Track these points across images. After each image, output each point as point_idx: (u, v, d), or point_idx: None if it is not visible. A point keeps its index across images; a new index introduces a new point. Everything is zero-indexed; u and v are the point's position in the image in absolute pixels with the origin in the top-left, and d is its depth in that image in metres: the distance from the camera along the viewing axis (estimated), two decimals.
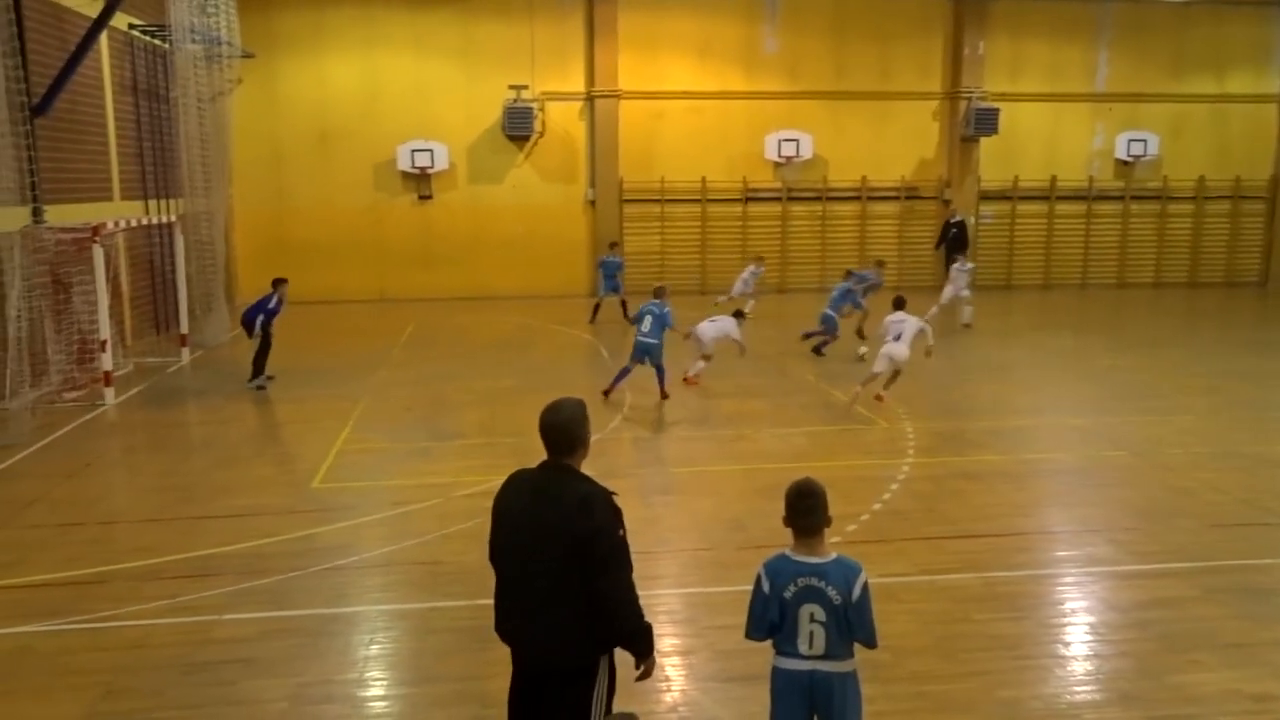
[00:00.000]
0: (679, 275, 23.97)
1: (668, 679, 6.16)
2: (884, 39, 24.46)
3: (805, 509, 4.16)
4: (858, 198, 24.88)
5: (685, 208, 24.38)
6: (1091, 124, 25.56)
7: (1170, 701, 5.86)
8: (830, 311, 16.72)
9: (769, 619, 4.20)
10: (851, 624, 4.11)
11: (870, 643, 4.18)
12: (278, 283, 14.50)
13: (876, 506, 9.20)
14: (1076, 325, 20.84)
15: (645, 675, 4.19)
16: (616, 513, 4.00)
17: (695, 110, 24.03)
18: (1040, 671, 6.24)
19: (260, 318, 14.21)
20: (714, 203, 24.37)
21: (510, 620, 4.11)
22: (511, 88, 22.89)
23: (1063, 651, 6.53)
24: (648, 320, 13.33)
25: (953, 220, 24.29)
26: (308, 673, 6.22)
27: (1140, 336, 19.00)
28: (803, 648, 4.15)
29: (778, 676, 4.27)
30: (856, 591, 4.08)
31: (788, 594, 4.14)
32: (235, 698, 5.92)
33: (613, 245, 21.17)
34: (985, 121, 24.07)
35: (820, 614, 4.10)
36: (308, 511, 9.18)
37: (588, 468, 4.24)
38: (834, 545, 8.24)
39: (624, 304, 19.62)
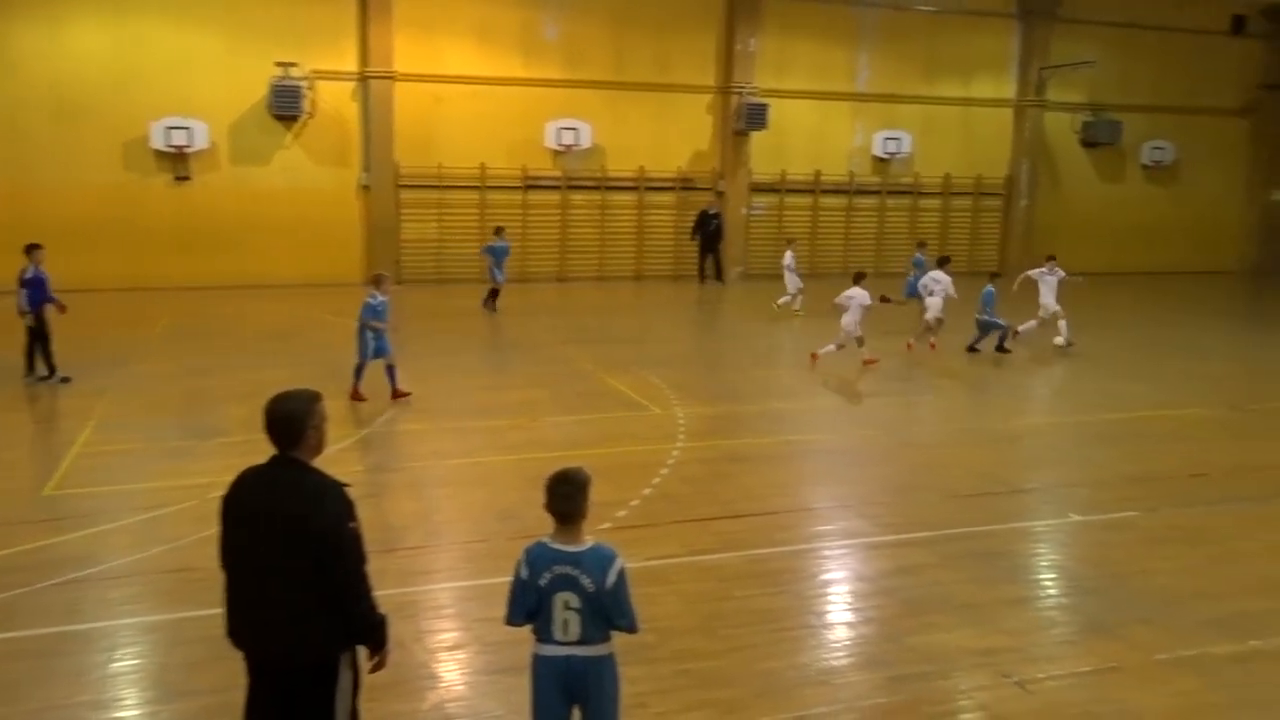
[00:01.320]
0: (458, 264, 23.60)
1: (435, 676, 6.07)
2: (662, 32, 24.95)
3: (562, 495, 4.19)
4: (636, 188, 25.31)
5: (464, 194, 24.00)
6: (853, 122, 27.06)
7: (909, 661, 6.31)
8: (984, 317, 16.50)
9: (526, 606, 4.26)
10: (608, 611, 4.17)
11: (630, 628, 4.26)
12: (31, 249, 13.21)
13: (647, 491, 9.41)
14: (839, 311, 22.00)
15: (379, 667, 4.19)
16: (349, 505, 3.96)
17: (474, 95, 23.68)
18: (796, 642, 6.58)
19: (25, 293, 12.92)
20: (493, 190, 24.14)
21: (243, 621, 3.99)
22: (279, 64, 21.75)
23: (816, 622, 6.91)
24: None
25: (711, 212, 25.15)
26: (35, 698, 5.71)
27: (895, 324, 20.28)
28: (558, 634, 4.20)
29: (536, 663, 4.32)
30: (611, 579, 4.15)
31: (543, 581, 4.18)
32: None
33: (498, 230, 20.83)
34: (756, 117, 25.03)
35: (574, 601, 4.15)
36: (39, 521, 8.42)
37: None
38: (604, 531, 8.44)
39: (494, 292, 19.90)
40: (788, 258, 21.43)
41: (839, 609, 7.18)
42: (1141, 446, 11.72)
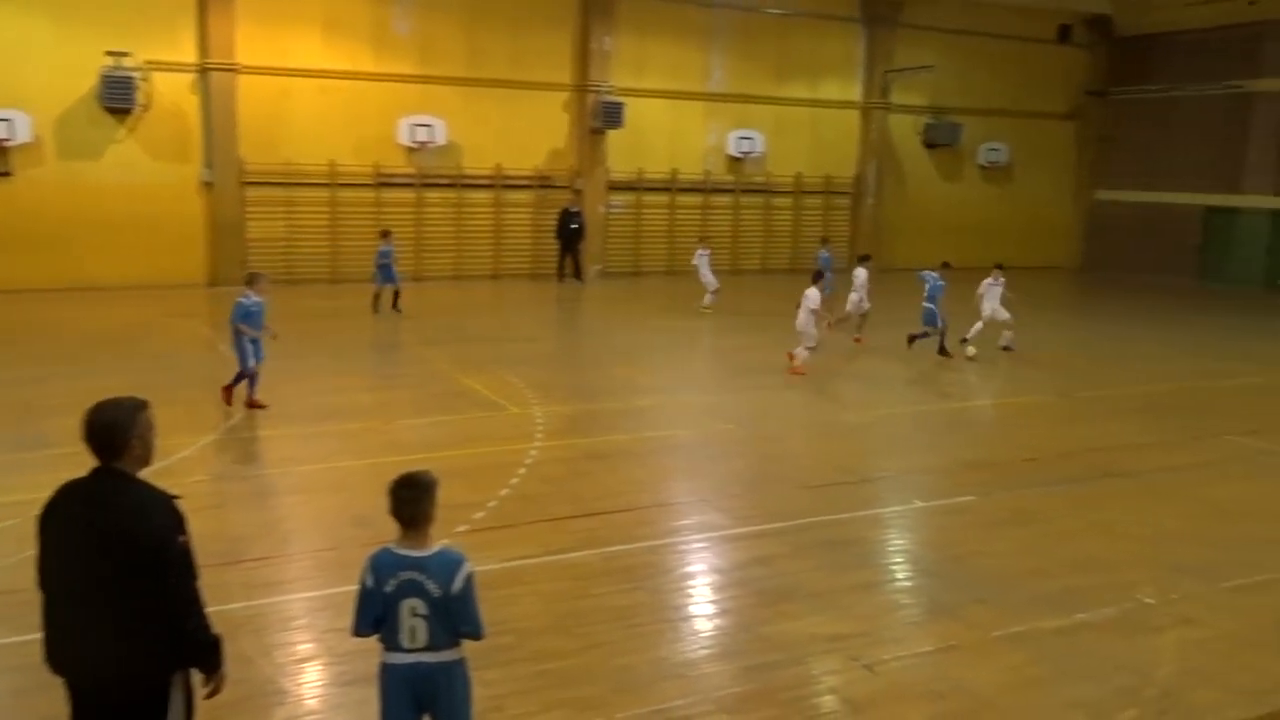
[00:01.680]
0: (308, 263, 22.92)
1: (283, 691, 5.87)
2: (516, 28, 24.77)
3: (405, 500, 4.11)
4: (492, 186, 25.07)
5: (313, 192, 23.25)
6: (707, 121, 27.51)
7: (763, 650, 6.46)
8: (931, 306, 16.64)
9: (373, 614, 4.17)
10: (454, 616, 4.11)
11: (475, 634, 4.21)
12: None
13: (505, 492, 9.34)
14: (697, 308, 22.38)
15: (215, 692, 3.98)
16: (178, 518, 3.75)
17: (323, 90, 22.99)
18: (653, 637, 6.64)
19: None
20: (344, 187, 23.49)
21: (62, 646, 3.74)
22: (110, 54, 20.60)
23: (673, 615, 7.00)
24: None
25: (572, 210, 25.17)
26: None
27: (752, 319, 20.73)
28: (405, 641, 4.13)
29: (384, 672, 4.24)
30: (458, 584, 4.09)
31: (389, 588, 4.10)
32: None
33: (384, 234, 19.99)
34: (612, 115, 25.14)
35: (421, 607, 4.08)
36: None
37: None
38: (460, 534, 8.34)
39: (396, 294, 19.25)
40: (698, 257, 21.57)
41: (695, 602, 7.30)
42: (979, 434, 12.33)
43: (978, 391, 14.24)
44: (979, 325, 16.85)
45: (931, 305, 16.45)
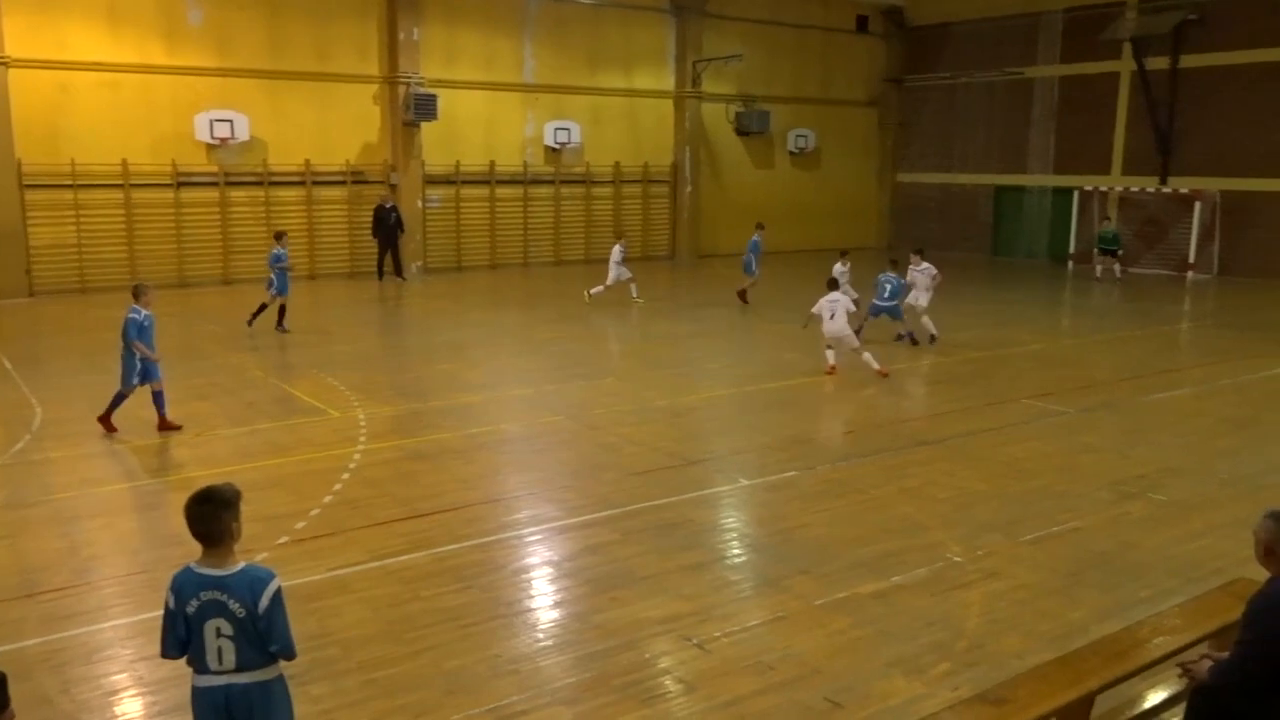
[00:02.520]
0: (103, 270, 21.48)
1: None
2: (319, 18, 23.87)
3: (201, 516, 3.91)
4: (302, 182, 24.14)
5: (105, 194, 21.76)
6: (523, 112, 27.32)
7: (596, 639, 6.49)
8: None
9: (178, 636, 3.97)
10: (263, 636, 3.94)
11: (286, 654, 4.04)
12: None
13: (328, 499, 9.03)
14: (521, 302, 22.30)
15: None
16: None
17: (110, 84, 21.53)
18: (485, 635, 6.56)
19: None
20: (140, 188, 22.10)
21: None
22: None
23: (505, 612, 6.93)
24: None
25: (387, 206, 24.47)
26: None
27: (576, 311, 20.77)
28: (213, 664, 3.94)
29: (196, 696, 4.04)
30: (264, 602, 3.91)
31: (190, 609, 3.90)
32: None
33: (279, 235, 18.01)
34: (425, 107, 24.60)
35: (226, 628, 3.90)
36: None
37: None
38: (281, 546, 8.02)
39: (282, 309, 17.41)
40: (616, 252, 21.11)
41: (528, 596, 7.26)
42: (800, 411, 12.77)
43: (795, 370, 14.73)
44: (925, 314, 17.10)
45: (894, 302, 16.53)
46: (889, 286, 16.58)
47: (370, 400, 12.65)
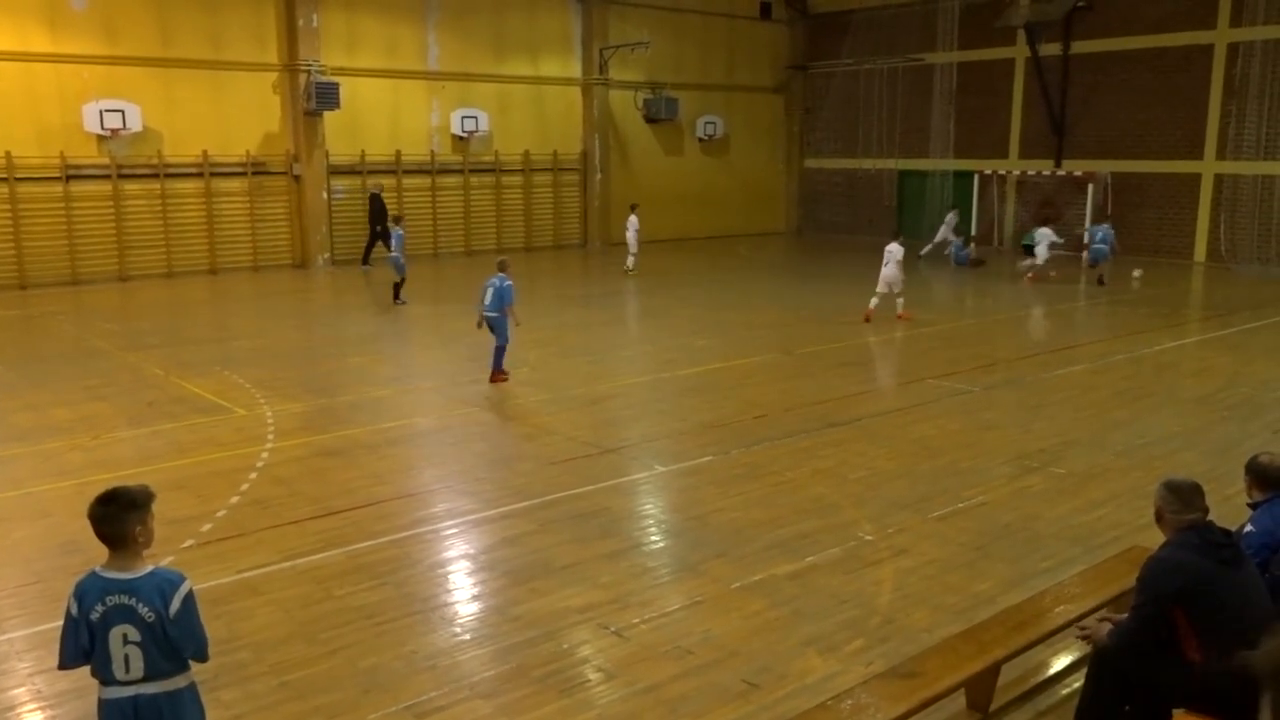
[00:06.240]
0: None
1: None
2: (211, 5, 23.11)
3: (105, 517, 3.77)
4: (200, 174, 23.39)
5: None
6: (429, 100, 26.90)
7: (515, 631, 6.45)
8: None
9: (80, 645, 3.82)
10: (174, 641, 3.81)
11: (200, 656, 3.94)
12: None
13: (235, 499, 8.80)
14: (432, 294, 21.98)
15: None
16: None
17: None
18: (401, 632, 6.47)
19: None
20: (25, 182, 21.16)
21: None
22: None
23: (421, 607, 6.84)
24: None
25: (375, 192, 24.70)
26: None
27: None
28: (119, 673, 3.79)
29: (102, 708, 3.89)
30: (175, 605, 3.79)
31: (95, 615, 3.76)
32: None
33: (397, 220, 19.12)
34: (326, 96, 24.05)
35: (134, 634, 3.76)
36: None
37: None
38: (186, 549, 7.79)
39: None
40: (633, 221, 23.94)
41: (445, 590, 7.18)
42: (713, 396, 12.87)
43: (707, 356, 14.85)
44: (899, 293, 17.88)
45: (1105, 246, 22.40)
46: (1099, 234, 23.03)
47: (277, 397, 12.35)
